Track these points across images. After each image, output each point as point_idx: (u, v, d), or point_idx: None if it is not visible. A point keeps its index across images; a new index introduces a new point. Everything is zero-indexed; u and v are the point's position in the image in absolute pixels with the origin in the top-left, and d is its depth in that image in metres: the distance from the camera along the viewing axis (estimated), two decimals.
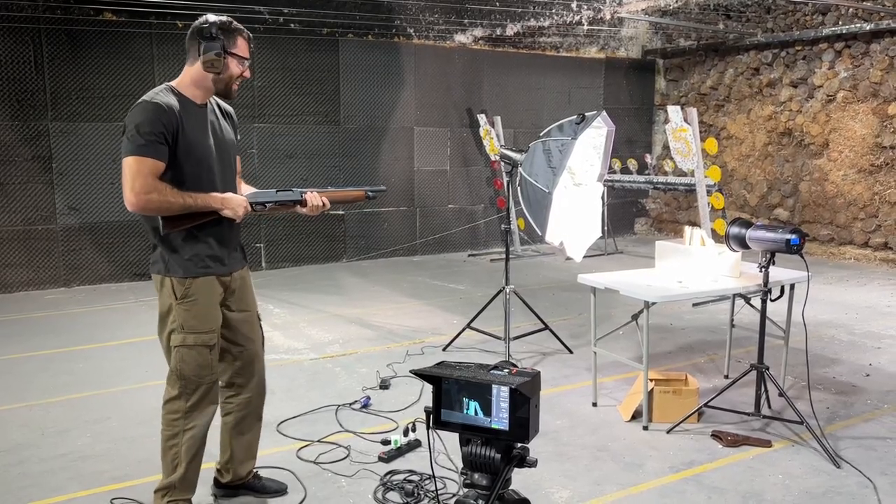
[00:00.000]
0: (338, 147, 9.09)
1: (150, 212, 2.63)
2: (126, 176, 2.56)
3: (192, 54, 2.72)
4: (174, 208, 2.62)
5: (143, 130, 2.55)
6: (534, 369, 1.45)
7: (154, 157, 2.57)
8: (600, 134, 4.80)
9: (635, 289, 3.92)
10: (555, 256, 9.63)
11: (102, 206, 7.79)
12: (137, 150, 2.55)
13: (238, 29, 2.76)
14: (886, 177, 8.76)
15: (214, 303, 2.84)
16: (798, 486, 3.29)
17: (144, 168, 2.55)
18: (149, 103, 2.61)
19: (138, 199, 2.55)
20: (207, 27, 2.67)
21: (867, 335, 5.78)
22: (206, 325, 2.80)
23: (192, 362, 2.80)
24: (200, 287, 2.77)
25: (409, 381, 4.72)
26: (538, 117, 10.49)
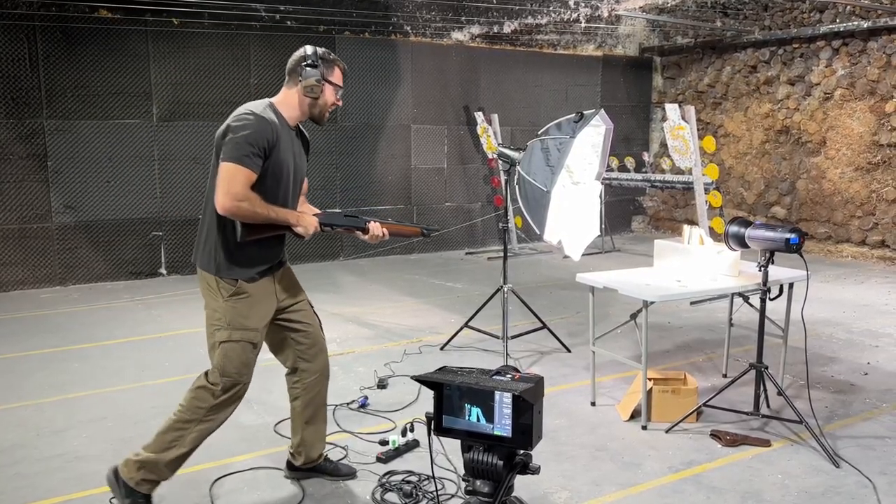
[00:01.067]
0: (335, 145, 9.06)
1: (237, 217, 2.73)
2: (223, 180, 2.67)
3: (293, 79, 2.89)
4: (258, 218, 2.75)
5: (249, 141, 2.69)
6: (536, 374, 1.43)
7: (252, 169, 2.70)
8: (599, 132, 4.79)
9: (634, 288, 3.90)
10: (552, 255, 9.62)
11: (98, 205, 7.75)
12: (241, 159, 2.68)
13: (336, 59, 2.96)
14: (884, 175, 8.76)
15: (261, 300, 2.93)
16: (797, 486, 3.28)
17: (243, 177, 2.68)
18: (258, 117, 2.75)
19: (232, 204, 2.67)
20: (310, 55, 2.87)
21: (865, 333, 5.78)
22: (252, 323, 2.89)
23: (237, 359, 2.87)
24: (248, 286, 2.88)
25: (406, 380, 4.71)
26: (535, 115, 10.48)
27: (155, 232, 8.07)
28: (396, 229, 3.21)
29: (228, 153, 2.69)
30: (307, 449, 3.27)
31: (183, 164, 8.14)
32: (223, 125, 2.80)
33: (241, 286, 2.86)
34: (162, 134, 8.00)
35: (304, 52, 2.89)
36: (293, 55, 2.92)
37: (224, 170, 2.68)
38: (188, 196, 8.20)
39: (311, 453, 3.28)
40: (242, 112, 2.78)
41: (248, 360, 2.91)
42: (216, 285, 2.87)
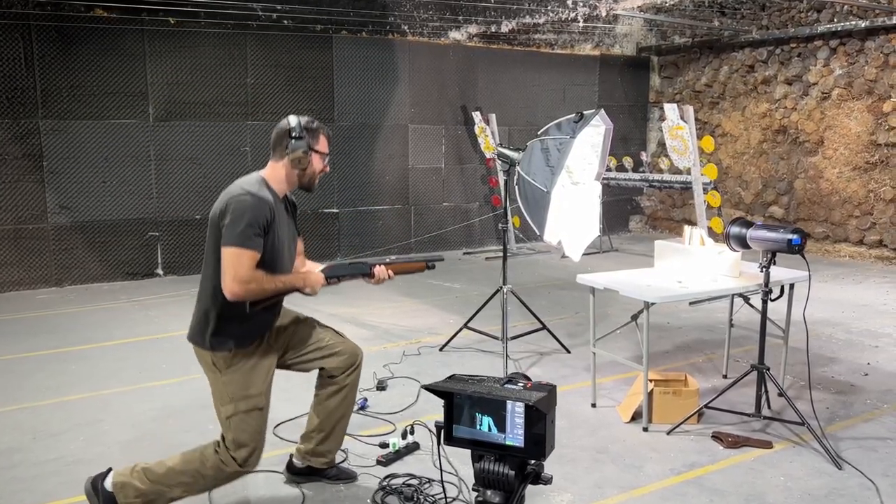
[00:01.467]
0: (332, 145, 8.97)
1: (247, 299, 2.75)
2: (228, 266, 2.69)
3: (279, 152, 2.88)
4: (268, 293, 2.79)
5: (250, 223, 2.69)
6: (549, 383, 1.40)
7: (255, 250, 2.72)
8: (598, 132, 4.77)
9: (635, 289, 3.88)
10: (550, 254, 9.60)
11: (94, 205, 7.71)
12: (243, 242, 2.68)
13: (321, 127, 2.97)
14: (881, 174, 8.76)
15: (259, 362, 2.93)
16: (800, 488, 3.26)
17: (248, 259, 2.70)
18: (255, 197, 2.73)
19: (241, 288, 2.69)
20: (294, 127, 2.85)
21: (864, 334, 5.77)
22: (254, 389, 2.89)
23: (248, 428, 2.87)
24: (243, 354, 2.87)
25: (406, 382, 4.68)
26: (533, 115, 10.46)
27: (151, 232, 8.03)
28: (401, 268, 3.23)
29: (230, 238, 2.68)
30: (331, 450, 3.25)
31: (179, 164, 8.10)
32: (219, 204, 2.77)
33: (236, 356, 2.84)
34: (158, 134, 7.96)
35: (289, 125, 2.87)
36: (277, 127, 2.91)
37: (228, 255, 2.68)
38: (185, 196, 8.16)
39: (332, 456, 3.28)
40: (238, 193, 2.74)
41: (259, 425, 2.90)
42: (211, 360, 2.86)
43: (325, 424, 3.20)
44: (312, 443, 3.24)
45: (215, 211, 2.78)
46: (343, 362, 3.16)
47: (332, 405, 3.19)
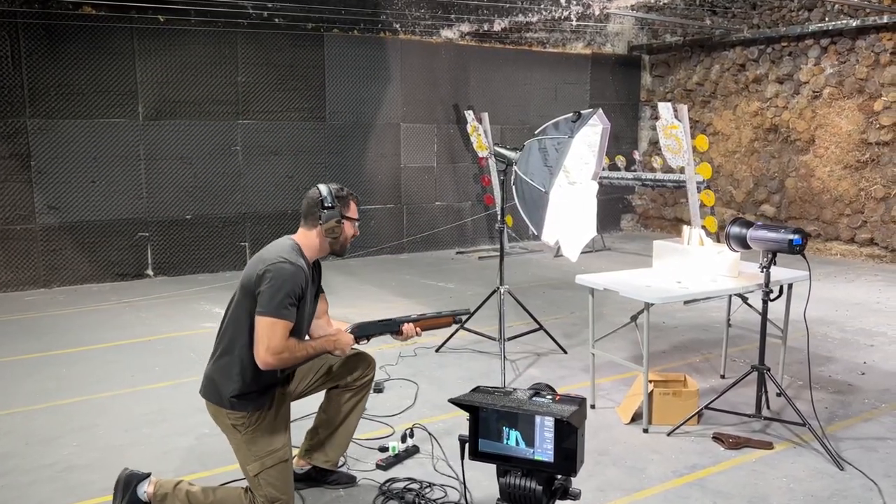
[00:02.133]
0: (323, 143, 8.96)
1: (279, 368, 2.76)
2: (262, 335, 2.68)
3: (311, 221, 2.89)
4: (299, 360, 2.82)
5: (287, 293, 2.70)
6: (579, 396, 1.36)
7: (290, 320, 2.72)
8: (595, 132, 4.75)
9: (635, 290, 3.86)
10: (543, 254, 9.58)
11: (83, 205, 7.61)
12: (279, 313, 2.68)
13: (350, 194, 3.00)
14: (872, 173, 8.80)
15: (277, 413, 2.90)
16: (803, 490, 3.25)
17: (281, 330, 2.70)
18: (295, 266, 2.75)
19: (274, 358, 2.69)
20: (325, 197, 2.87)
21: (859, 332, 5.79)
22: (278, 442, 2.86)
23: (278, 482, 2.83)
24: (260, 411, 2.85)
25: (403, 384, 4.64)
26: (525, 114, 10.44)
27: (141, 233, 7.94)
28: (429, 324, 3.21)
29: (267, 308, 2.67)
30: (336, 452, 3.22)
31: (170, 163, 8.01)
32: (253, 269, 2.77)
33: (253, 416, 2.82)
34: (148, 133, 7.87)
35: (320, 195, 2.88)
36: (308, 196, 2.92)
37: (264, 325, 2.67)
38: (175, 196, 8.08)
39: (336, 457, 3.24)
40: (277, 260, 2.74)
41: (288, 476, 2.87)
42: (228, 420, 2.83)
43: (332, 422, 3.19)
44: (318, 440, 3.21)
45: (250, 276, 2.76)
46: (356, 374, 3.18)
47: (344, 409, 3.18)
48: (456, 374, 4.85)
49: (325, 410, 3.21)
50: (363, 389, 3.20)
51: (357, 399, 3.20)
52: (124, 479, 2.95)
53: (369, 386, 3.23)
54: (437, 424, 3.98)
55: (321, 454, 3.22)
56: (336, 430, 3.19)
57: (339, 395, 3.18)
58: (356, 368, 3.17)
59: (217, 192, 8.29)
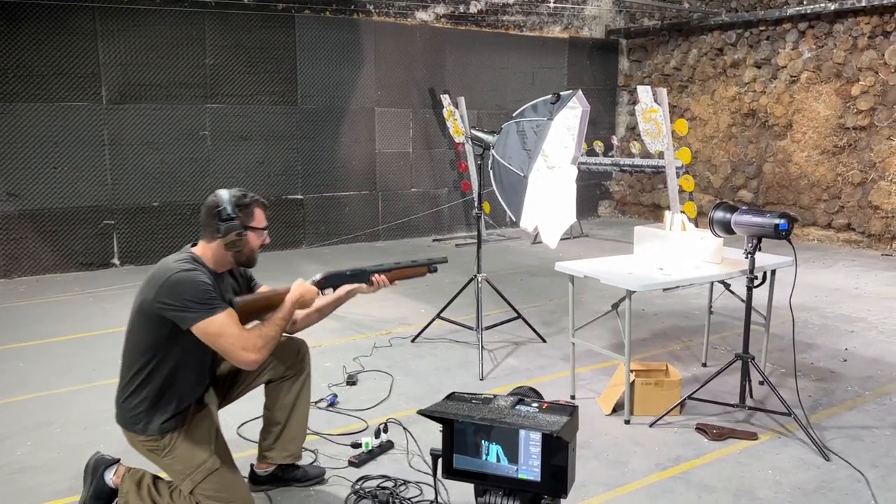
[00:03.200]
0: (295, 128, 8.73)
1: (267, 356, 2.57)
2: (224, 343, 2.47)
3: (210, 233, 2.63)
4: (279, 336, 2.62)
5: (201, 290, 2.47)
6: (570, 403, 1.20)
7: (225, 308, 2.51)
8: (575, 114, 4.61)
9: (616, 277, 3.74)
10: (521, 241, 9.45)
11: (44, 192, 7.33)
12: (212, 309, 2.47)
13: (254, 200, 2.68)
14: (849, 158, 8.77)
15: (197, 427, 2.69)
16: (789, 482, 3.15)
17: (232, 322, 2.49)
18: (189, 273, 2.51)
19: (259, 354, 2.51)
20: (225, 206, 2.58)
21: (839, 318, 5.73)
22: (201, 454, 2.64)
23: (217, 493, 2.63)
24: (177, 430, 2.65)
25: (377, 375, 4.49)
26: (502, 98, 10.27)
27: (106, 221, 7.68)
28: (401, 274, 3.02)
29: (197, 313, 2.45)
30: (296, 444, 3.04)
31: (135, 148, 7.74)
32: (148, 290, 2.51)
33: (164, 438, 2.61)
34: (112, 117, 7.58)
35: (218, 202, 2.59)
36: (206, 204, 2.63)
37: (214, 329, 2.45)
38: (141, 183, 7.81)
39: (296, 448, 3.06)
40: (171, 272, 2.49)
41: (224, 483, 2.64)
42: (143, 447, 2.64)
43: (280, 415, 3.00)
44: (272, 437, 3.03)
45: (146, 297, 2.51)
46: (288, 361, 2.97)
47: (287, 399, 3.00)
48: (432, 364, 4.70)
49: (269, 408, 3.03)
50: (301, 374, 3.00)
51: (298, 387, 3.00)
52: (93, 465, 2.83)
53: (307, 370, 3.02)
54: (412, 418, 3.83)
55: (278, 452, 3.04)
56: (287, 424, 3.01)
57: (278, 388, 2.99)
58: (287, 357, 2.97)
59: (185, 178, 8.04)
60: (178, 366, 2.60)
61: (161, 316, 2.49)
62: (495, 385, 4.31)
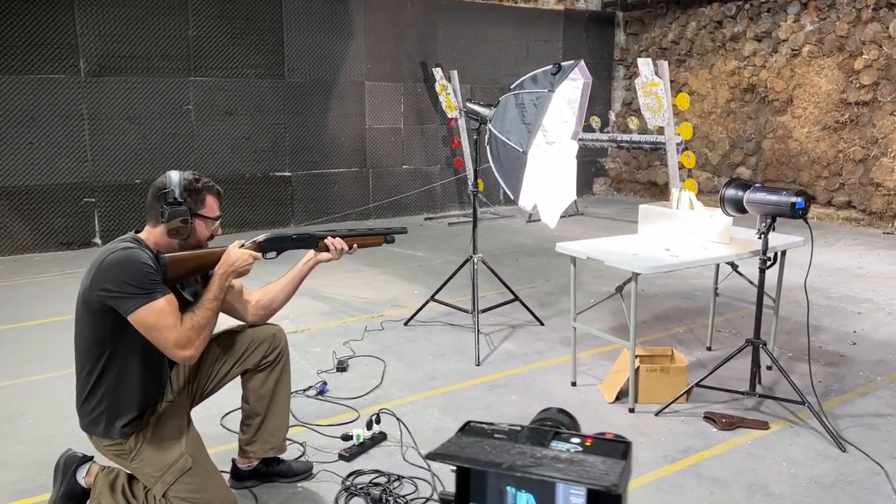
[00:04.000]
0: (282, 103, 8.44)
1: (201, 350, 2.37)
2: (157, 335, 2.26)
3: (154, 217, 2.41)
4: (212, 323, 2.41)
5: (139, 274, 2.25)
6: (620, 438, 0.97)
7: (165, 293, 2.29)
8: (576, 86, 4.38)
9: (622, 258, 3.54)
10: (515, 219, 9.24)
11: (21, 169, 7.04)
12: (150, 294, 2.25)
13: (206, 187, 2.46)
14: (851, 134, 8.58)
15: (165, 424, 2.48)
16: (805, 475, 2.98)
17: (169, 310, 2.28)
18: (128, 251, 2.29)
19: (194, 349, 2.32)
20: (170, 191, 2.37)
21: (845, 299, 5.56)
22: (172, 453, 2.42)
23: (192, 493, 2.41)
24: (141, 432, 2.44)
25: (368, 361, 4.29)
26: (496, 72, 10.00)
27: (86, 198, 7.40)
28: (359, 242, 2.81)
29: (132, 299, 2.22)
30: (278, 436, 2.83)
31: (116, 123, 7.45)
32: (91, 272, 2.29)
33: (128, 441, 2.41)
34: (91, 90, 7.28)
35: (166, 185, 2.37)
36: (154, 184, 2.41)
37: (148, 319, 2.24)
38: (123, 159, 7.53)
39: (279, 440, 2.84)
40: (108, 253, 2.29)
41: (199, 483, 2.43)
42: (109, 452, 2.45)
43: (259, 407, 2.78)
44: (251, 429, 2.82)
45: (85, 284, 2.30)
46: (263, 350, 2.74)
47: (265, 389, 2.78)
48: (426, 349, 4.50)
49: (246, 400, 2.81)
50: (279, 362, 2.78)
51: (276, 375, 2.78)
52: (63, 462, 2.64)
53: (284, 356, 2.80)
54: (406, 407, 3.64)
55: (259, 445, 2.82)
56: (267, 416, 2.79)
57: (253, 378, 2.77)
58: (261, 345, 2.74)
59: (168, 154, 7.75)
60: (131, 360, 2.38)
61: (102, 304, 2.27)
62: (492, 371, 4.12)
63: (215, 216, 2.49)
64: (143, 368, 2.43)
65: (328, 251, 2.75)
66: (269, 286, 2.81)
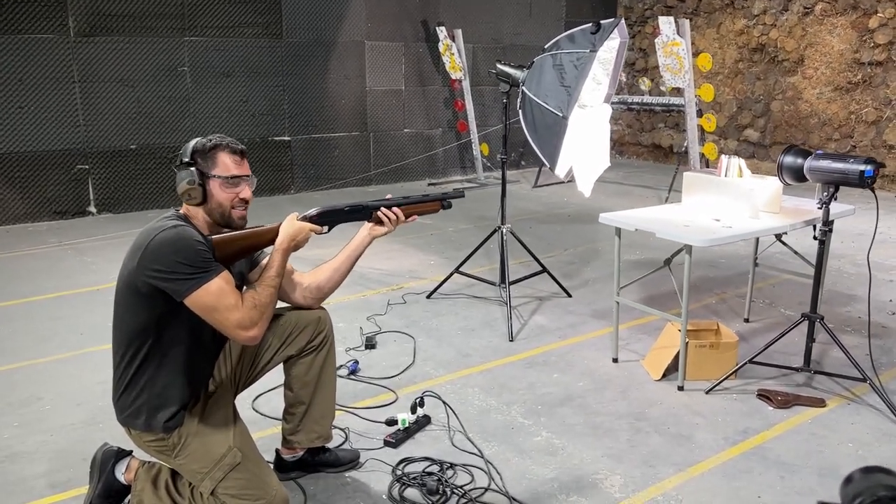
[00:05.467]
0: (280, 64, 8.10)
1: (264, 328, 2.19)
2: (218, 316, 2.09)
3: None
4: (274, 300, 2.25)
5: (193, 251, 2.08)
6: None
7: (220, 272, 2.11)
8: (611, 47, 4.14)
9: (673, 230, 3.38)
10: (520, 184, 9.02)
11: (10, 135, 6.69)
12: (205, 275, 2.07)
13: (218, 145, 2.25)
14: (863, 95, 8.41)
15: (207, 418, 2.29)
16: (873, 456, 2.87)
17: (228, 290, 2.11)
18: (177, 230, 2.12)
19: (258, 329, 2.15)
20: (180, 154, 2.25)
21: (873, 266, 5.43)
22: (219, 447, 2.23)
23: (244, 489, 2.22)
24: (188, 423, 2.25)
25: (396, 337, 4.11)
26: (498, 31, 9.68)
27: (80, 165, 7.08)
28: (415, 210, 2.60)
29: (189, 280, 2.05)
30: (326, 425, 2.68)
31: (108, 86, 7.09)
32: (137, 250, 2.11)
33: (172, 436, 2.22)
34: (81, 51, 6.91)
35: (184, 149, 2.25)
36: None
37: (207, 301, 2.07)
38: (116, 124, 7.19)
39: (326, 429, 2.69)
40: (155, 231, 2.12)
41: (255, 475, 2.25)
42: (150, 448, 2.26)
43: (304, 394, 2.60)
44: (296, 419, 2.64)
45: (130, 269, 2.11)
46: (308, 334, 2.55)
47: (310, 376, 2.59)
48: (454, 323, 4.33)
49: (290, 387, 2.62)
50: (324, 347, 2.59)
51: (322, 360, 2.59)
52: (101, 458, 2.45)
53: (330, 340, 2.61)
54: (445, 387, 3.48)
55: (305, 434, 2.65)
56: (312, 403, 2.61)
57: (297, 364, 2.58)
58: (306, 328, 2.55)
59: (164, 118, 7.42)
60: (176, 349, 2.20)
61: (152, 287, 2.08)
62: (527, 347, 3.96)
63: (230, 175, 2.24)
64: (189, 357, 2.23)
65: (382, 223, 2.54)
66: (321, 267, 2.61)
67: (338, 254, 2.62)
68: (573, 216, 7.10)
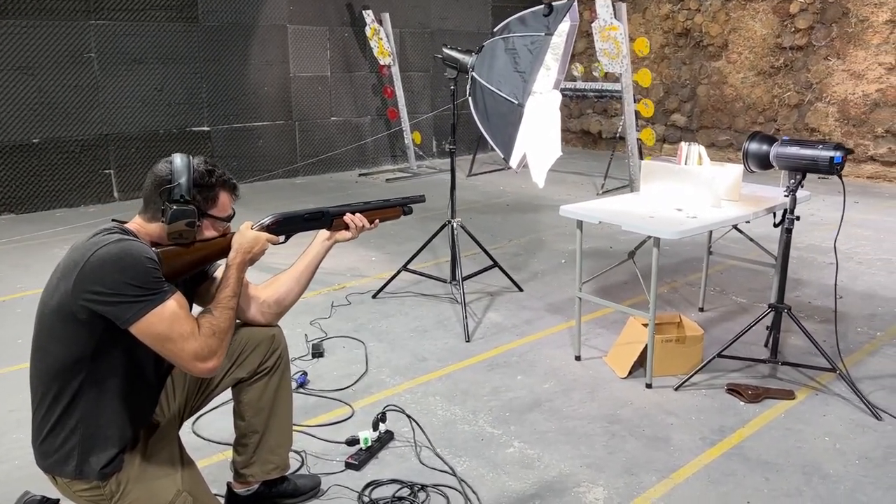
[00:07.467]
0: (197, 49, 7.59)
1: (222, 357, 1.89)
2: (170, 346, 1.78)
3: (152, 213, 1.94)
4: (232, 323, 1.94)
5: (142, 270, 1.76)
6: None
7: (172, 293, 1.81)
8: (562, 31, 3.96)
9: (640, 222, 3.23)
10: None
11: None
12: (158, 295, 1.77)
13: (220, 181, 2.00)
14: (785, 79, 8.59)
15: (151, 457, 1.99)
16: (852, 451, 2.80)
17: (182, 316, 1.81)
18: (122, 244, 1.79)
19: (217, 359, 1.85)
20: (177, 185, 1.89)
21: (811, 249, 5.52)
22: (164, 492, 1.93)
23: None
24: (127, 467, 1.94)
25: (345, 342, 3.84)
26: (426, 16, 9.41)
27: None
28: (376, 215, 2.38)
29: (136, 305, 1.74)
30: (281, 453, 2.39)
31: (6, 74, 6.44)
32: (70, 271, 1.78)
33: (107, 483, 1.89)
34: None
35: (171, 175, 1.91)
36: (154, 171, 1.94)
37: (158, 328, 1.76)
38: (16, 116, 6.56)
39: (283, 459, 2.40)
40: (95, 241, 1.80)
41: None
42: (81, 498, 1.92)
43: (257, 422, 2.30)
44: (249, 450, 2.33)
45: (63, 293, 1.78)
46: (260, 354, 2.26)
47: (264, 401, 2.30)
48: (405, 325, 4.08)
49: (241, 416, 2.31)
50: (277, 368, 2.31)
51: (276, 383, 2.31)
52: None
53: (284, 360, 2.34)
54: (404, 396, 3.24)
55: (260, 466, 2.35)
56: (266, 432, 2.31)
57: (248, 390, 2.28)
58: (257, 346, 2.26)
59: (70, 109, 6.82)
60: (116, 381, 1.88)
61: (90, 312, 1.75)
62: (486, 348, 3.76)
63: (227, 216, 2.01)
64: (129, 391, 1.91)
65: (345, 229, 2.31)
66: (278, 278, 2.32)
67: (296, 262, 2.34)
68: (512, 205, 6.94)
